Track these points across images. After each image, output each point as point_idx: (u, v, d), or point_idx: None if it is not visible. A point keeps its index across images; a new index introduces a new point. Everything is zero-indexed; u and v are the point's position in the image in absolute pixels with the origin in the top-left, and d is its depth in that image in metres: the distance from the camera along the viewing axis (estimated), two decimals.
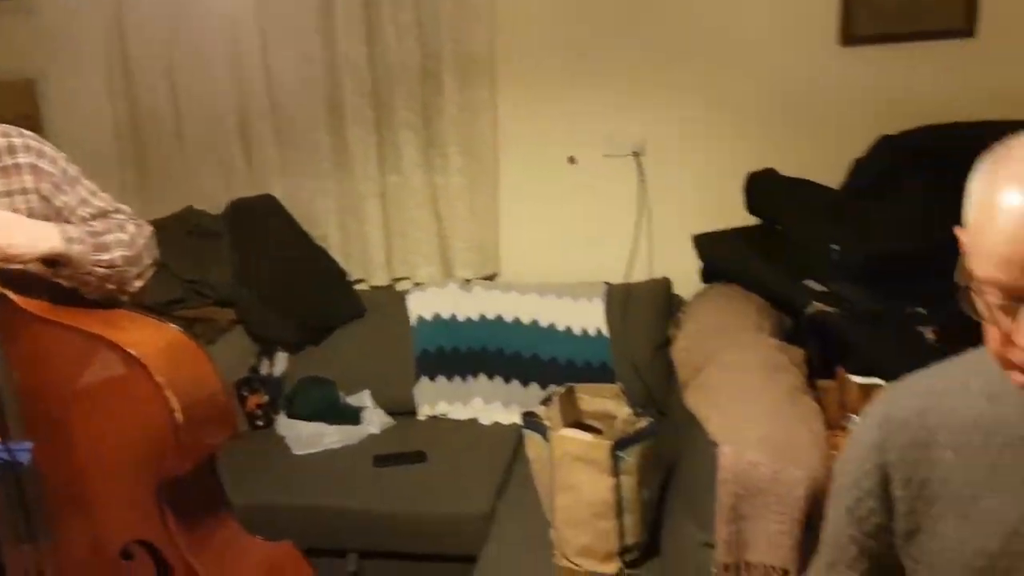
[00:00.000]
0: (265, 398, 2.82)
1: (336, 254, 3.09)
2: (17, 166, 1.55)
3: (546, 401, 2.12)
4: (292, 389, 2.80)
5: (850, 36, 2.69)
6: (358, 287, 3.11)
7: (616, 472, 1.88)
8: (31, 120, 3.21)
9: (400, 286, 3.12)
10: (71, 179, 1.63)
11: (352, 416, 2.71)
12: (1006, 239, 0.85)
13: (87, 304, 1.60)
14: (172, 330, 1.63)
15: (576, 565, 1.95)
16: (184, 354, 1.60)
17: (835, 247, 2.31)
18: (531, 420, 2.06)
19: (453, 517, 2.29)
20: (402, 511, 2.32)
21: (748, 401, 1.68)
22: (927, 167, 2.22)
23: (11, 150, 1.55)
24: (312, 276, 2.95)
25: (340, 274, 3.04)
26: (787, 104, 2.79)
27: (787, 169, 2.66)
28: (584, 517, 1.92)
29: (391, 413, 2.78)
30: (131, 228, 1.63)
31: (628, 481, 1.89)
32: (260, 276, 2.87)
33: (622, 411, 2.09)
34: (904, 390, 1.09)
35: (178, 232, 2.96)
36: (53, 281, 1.56)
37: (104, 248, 1.56)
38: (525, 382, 2.76)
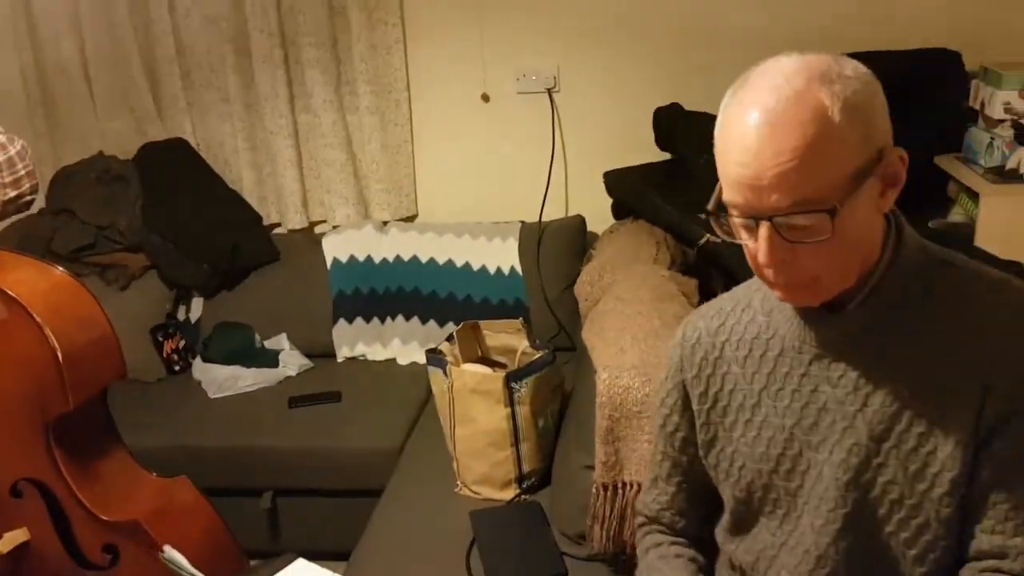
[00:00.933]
0: (182, 343, 2.82)
1: (250, 197, 3.07)
2: None
3: (449, 338, 2.16)
4: (208, 334, 2.80)
5: None
6: (277, 231, 3.10)
7: (510, 403, 1.93)
8: None
9: (320, 229, 3.11)
10: None
11: (270, 359, 2.72)
12: (738, 161, 0.90)
13: None
14: (57, 272, 1.63)
15: (475, 493, 2.01)
16: (68, 295, 1.61)
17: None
18: (434, 356, 2.10)
19: (363, 452, 2.33)
20: (314, 448, 2.37)
21: (629, 330, 1.73)
22: None
23: None
24: (224, 220, 2.92)
25: (254, 218, 3.02)
26: (697, 39, 2.81)
27: (697, 103, 2.69)
28: (481, 447, 1.97)
29: (310, 356, 2.80)
30: (1, 139, 1.62)
31: (523, 411, 1.94)
32: (170, 221, 2.84)
33: (522, 345, 2.14)
34: (699, 313, 1.16)
35: (87, 178, 2.91)
36: None
37: None
38: (442, 322, 2.79)
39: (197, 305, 2.90)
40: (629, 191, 2.60)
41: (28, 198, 1.69)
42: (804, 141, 0.88)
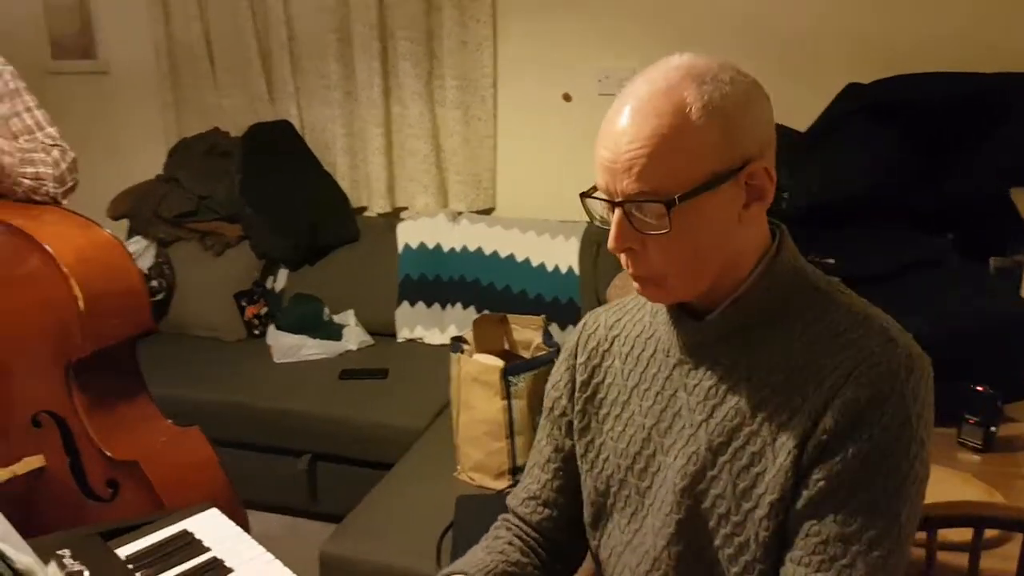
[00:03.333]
0: (264, 309, 3.05)
1: (343, 181, 3.25)
2: None
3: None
4: (285, 303, 3.01)
5: None
6: (365, 215, 3.26)
7: (507, 395, 1.97)
8: (84, 37, 3.50)
9: (404, 215, 3.25)
10: (12, 92, 1.83)
11: (334, 333, 2.90)
12: (602, 143, 0.93)
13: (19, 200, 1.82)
14: (99, 232, 1.81)
15: (471, 479, 2.07)
16: (103, 253, 1.78)
17: (784, 195, 2.28)
18: (456, 342, 2.17)
19: (389, 428, 2.44)
20: (349, 419, 2.51)
21: None
22: (883, 117, 2.15)
23: None
24: (315, 200, 3.12)
25: (342, 200, 3.20)
26: (775, 46, 2.71)
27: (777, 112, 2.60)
28: (478, 435, 2.03)
29: (372, 333, 2.95)
30: (55, 153, 1.83)
31: (519, 405, 1.98)
32: (265, 196, 3.06)
33: (537, 341, 2.17)
34: (606, 306, 1.17)
35: (197, 151, 3.19)
36: None
37: (30, 163, 1.77)
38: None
39: (282, 276, 3.12)
40: None
41: (62, 200, 1.90)
42: (658, 132, 0.89)
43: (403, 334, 2.96)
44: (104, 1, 3.46)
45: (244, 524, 1.92)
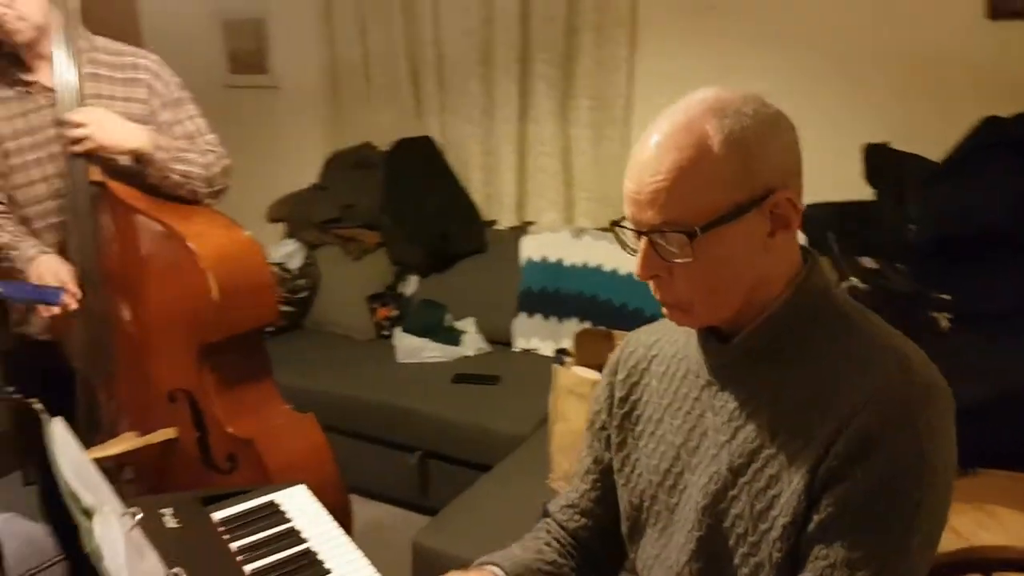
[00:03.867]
0: (394, 312, 3.23)
1: (476, 195, 3.40)
2: (137, 80, 2.03)
3: None
4: (412, 308, 3.18)
5: (1000, 9, 2.45)
6: (495, 228, 3.39)
7: None
8: (259, 54, 3.84)
9: (533, 230, 3.35)
10: (176, 101, 2.08)
11: (454, 338, 3.03)
12: (628, 174, 0.98)
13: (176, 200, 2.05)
14: (239, 232, 2.01)
15: (560, 487, 2.12)
16: (239, 252, 1.97)
17: (912, 227, 2.20)
18: (559, 354, 2.24)
19: (494, 433, 2.53)
20: (457, 420, 2.62)
21: None
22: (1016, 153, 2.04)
23: (135, 67, 2.04)
24: (448, 212, 3.28)
25: (474, 213, 3.34)
26: (926, 76, 2.61)
27: (922, 144, 2.52)
28: (570, 444, 2.08)
29: (490, 341, 3.07)
30: (210, 157, 2.04)
31: None
32: (402, 207, 3.25)
33: None
34: (646, 327, 1.19)
35: (347, 163, 3.44)
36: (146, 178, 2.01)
37: (183, 161, 1.99)
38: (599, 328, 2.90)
39: (413, 282, 3.30)
40: (809, 222, 2.50)
41: (208, 201, 2.11)
42: (679, 165, 0.93)
43: (519, 344, 3.06)
44: (279, 22, 3.78)
45: (347, 509, 2.08)
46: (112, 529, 0.83)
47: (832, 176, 2.74)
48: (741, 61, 2.90)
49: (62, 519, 2.31)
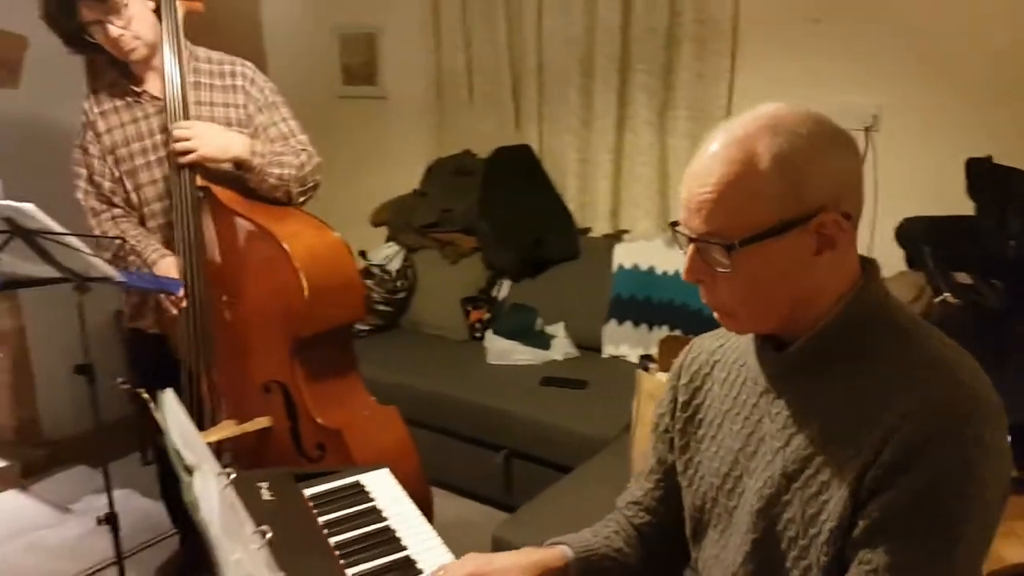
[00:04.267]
0: (486, 315, 3.32)
1: (572, 203, 3.45)
2: (235, 87, 2.19)
3: None
4: (504, 311, 3.26)
5: None
6: (589, 235, 3.44)
7: None
8: (369, 67, 4.02)
9: (626, 238, 3.38)
10: (271, 105, 2.23)
11: (544, 342, 3.09)
12: (684, 181, 1.01)
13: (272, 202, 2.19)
14: (329, 234, 2.13)
15: None
16: (329, 252, 2.09)
17: (1012, 242, 2.14)
18: (644, 360, 2.27)
19: (579, 435, 2.58)
20: (543, 422, 2.67)
21: None
22: None
23: (232, 75, 2.20)
24: (542, 219, 3.35)
25: (568, 220, 3.40)
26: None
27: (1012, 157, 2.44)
28: (649, 449, 2.10)
29: (579, 346, 3.12)
30: (303, 157, 2.18)
31: None
32: (498, 213, 3.34)
33: None
34: (712, 333, 1.22)
35: (447, 169, 3.56)
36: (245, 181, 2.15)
37: (279, 165, 2.13)
38: (685, 335, 2.90)
39: (505, 286, 3.38)
40: (906, 236, 2.46)
41: (308, 197, 2.24)
42: (726, 179, 0.95)
43: (608, 350, 3.09)
44: (389, 36, 3.95)
45: (428, 500, 2.16)
46: (209, 485, 0.93)
47: (934, 189, 2.70)
48: (844, 74, 2.86)
49: (176, 497, 2.49)
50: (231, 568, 0.81)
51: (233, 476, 1.08)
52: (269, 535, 1.07)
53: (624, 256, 3.14)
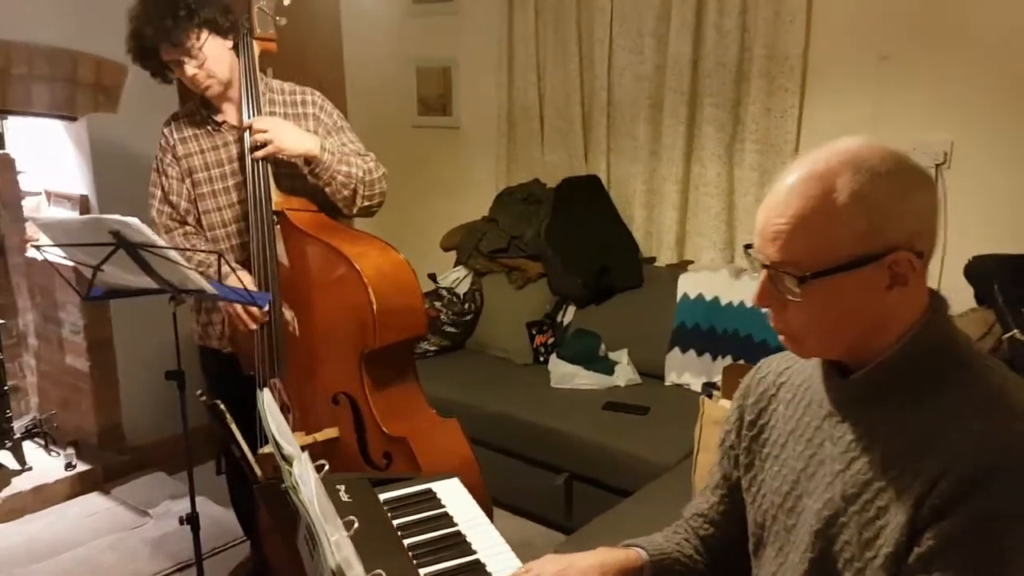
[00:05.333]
0: (550, 339, 3.39)
1: (637, 232, 3.51)
2: (305, 114, 2.35)
3: None
4: (568, 336, 3.32)
5: None
6: (654, 265, 3.49)
7: None
8: (444, 98, 4.16)
9: (692, 268, 3.42)
10: (338, 128, 2.37)
11: (607, 368, 3.14)
12: (761, 208, 1.05)
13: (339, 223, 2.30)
14: (394, 254, 2.23)
15: None
16: (394, 270, 2.19)
17: None
18: (707, 387, 2.31)
19: (640, 460, 2.61)
20: (604, 446, 2.72)
21: None
22: None
23: (304, 103, 2.36)
24: (608, 247, 3.41)
25: (634, 249, 3.46)
26: None
27: None
28: None
29: (642, 373, 3.16)
30: (371, 164, 2.30)
31: None
32: (564, 241, 3.42)
33: None
34: (779, 355, 1.26)
35: (516, 197, 3.65)
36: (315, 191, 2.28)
37: (346, 163, 2.26)
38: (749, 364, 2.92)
39: (570, 312, 3.45)
40: (975, 273, 2.45)
41: (373, 210, 2.35)
42: (803, 212, 0.99)
43: (671, 378, 3.13)
44: (464, 69, 4.09)
45: (488, 510, 2.20)
46: (308, 471, 1.02)
47: (1005, 226, 2.69)
48: (914, 110, 2.88)
49: (246, 506, 2.61)
50: (331, 546, 0.88)
51: (326, 467, 1.16)
52: (356, 525, 1.15)
53: (689, 285, 3.18)
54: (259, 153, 2.21)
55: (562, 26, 3.63)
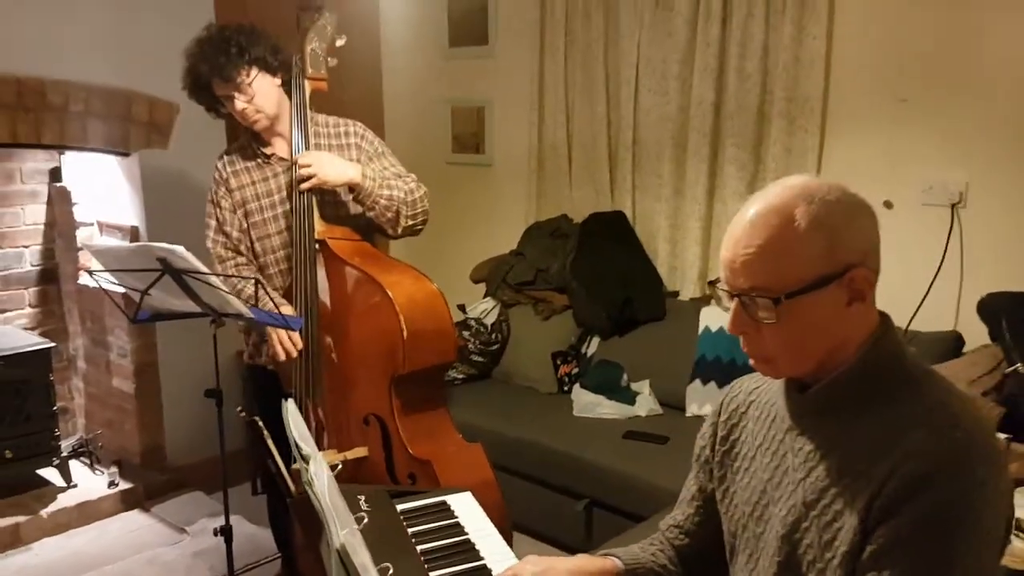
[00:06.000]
0: (575, 369, 3.48)
1: (661, 267, 3.61)
2: (348, 144, 2.51)
3: None
4: (592, 366, 3.41)
5: None
6: (679, 298, 3.58)
7: None
8: (477, 136, 4.33)
9: (713, 301, 3.50)
10: (379, 154, 2.53)
11: (628, 398, 3.23)
12: (725, 244, 1.16)
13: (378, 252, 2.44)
14: (427, 283, 2.35)
15: None
16: (426, 299, 2.31)
17: None
18: None
19: (659, 488, 2.68)
20: (624, 473, 2.80)
21: None
22: None
23: (347, 134, 2.52)
24: (632, 280, 3.51)
25: (657, 282, 3.55)
26: None
27: None
28: None
29: (663, 404, 3.23)
30: (412, 184, 2.44)
31: None
32: (590, 274, 3.52)
33: None
34: (752, 376, 1.35)
35: (543, 232, 3.78)
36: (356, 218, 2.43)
37: (388, 187, 2.40)
38: None
39: (594, 343, 3.54)
40: (987, 310, 2.50)
41: (418, 228, 2.49)
42: (767, 240, 1.10)
43: (691, 409, 3.19)
44: (497, 109, 4.26)
45: (508, 532, 2.31)
46: (322, 469, 1.13)
47: (1020, 264, 2.73)
48: (930, 152, 2.96)
49: (282, 525, 2.73)
50: (337, 529, 0.99)
51: (339, 468, 1.28)
52: (365, 520, 1.26)
53: (710, 319, 3.26)
54: (305, 185, 2.36)
55: (590, 69, 3.77)
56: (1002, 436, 1.86)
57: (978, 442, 1.05)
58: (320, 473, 1.11)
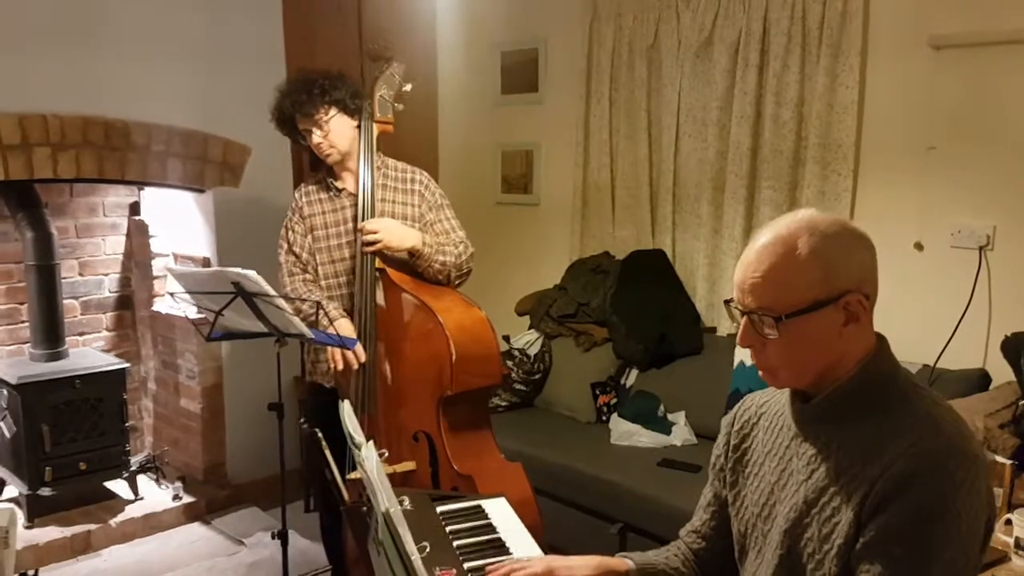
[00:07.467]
0: (613, 400, 3.63)
1: (700, 304, 3.75)
2: (412, 191, 2.73)
3: None
4: (630, 397, 3.55)
5: None
6: (716, 334, 3.71)
7: None
8: (525, 177, 4.55)
9: None
10: (439, 206, 2.73)
11: (665, 428, 3.35)
12: (737, 267, 1.32)
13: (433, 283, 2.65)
14: (476, 311, 2.55)
15: None
16: (474, 325, 2.50)
17: None
18: None
19: (689, 514, 2.77)
20: (658, 499, 2.91)
21: None
22: None
23: (412, 181, 2.75)
24: (670, 316, 3.65)
25: (695, 318, 3.69)
26: None
27: None
28: None
29: (698, 435, 3.35)
30: (461, 248, 2.65)
31: None
32: (629, 309, 3.68)
33: None
34: (764, 391, 1.50)
35: (586, 268, 3.95)
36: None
37: (442, 254, 2.61)
38: None
39: (632, 375, 3.68)
40: (1008, 349, 2.60)
41: (461, 283, 2.69)
42: (771, 267, 1.25)
43: None
44: (544, 151, 4.48)
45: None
46: (372, 454, 1.32)
47: None
48: (958, 196, 3.06)
49: (334, 540, 2.91)
50: (386, 503, 1.17)
51: (386, 455, 1.46)
52: (408, 504, 1.43)
53: (745, 354, 3.38)
54: (369, 249, 2.59)
55: (633, 115, 3.97)
56: (1008, 462, 1.96)
57: (958, 447, 1.19)
58: (370, 456, 1.30)
